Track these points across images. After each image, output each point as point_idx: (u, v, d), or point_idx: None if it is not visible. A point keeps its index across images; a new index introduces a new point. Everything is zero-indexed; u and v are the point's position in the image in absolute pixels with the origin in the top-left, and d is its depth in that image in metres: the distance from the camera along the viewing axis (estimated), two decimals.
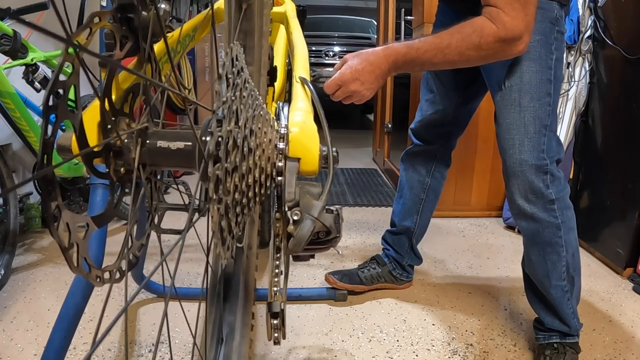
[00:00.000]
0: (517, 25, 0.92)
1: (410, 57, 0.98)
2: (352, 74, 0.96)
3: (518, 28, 0.92)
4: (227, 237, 0.38)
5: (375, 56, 0.98)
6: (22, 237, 1.88)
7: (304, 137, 0.48)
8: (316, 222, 0.46)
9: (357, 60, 0.97)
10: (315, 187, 0.48)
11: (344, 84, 0.97)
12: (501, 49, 0.95)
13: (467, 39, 0.95)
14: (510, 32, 0.93)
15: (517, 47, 0.95)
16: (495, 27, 0.93)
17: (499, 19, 0.92)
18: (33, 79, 1.70)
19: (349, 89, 0.97)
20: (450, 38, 0.96)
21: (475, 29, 0.94)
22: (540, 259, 1.13)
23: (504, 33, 0.93)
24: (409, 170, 1.49)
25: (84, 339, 1.25)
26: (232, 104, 0.37)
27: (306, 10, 1.22)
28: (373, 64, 0.97)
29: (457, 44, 0.96)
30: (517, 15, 0.92)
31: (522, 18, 0.92)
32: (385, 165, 3.39)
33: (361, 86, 0.96)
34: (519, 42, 0.94)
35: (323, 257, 1.83)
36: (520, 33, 0.93)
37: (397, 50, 0.98)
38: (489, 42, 0.93)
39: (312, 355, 1.23)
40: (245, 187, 0.40)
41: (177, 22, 2.76)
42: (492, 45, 0.94)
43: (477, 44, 0.95)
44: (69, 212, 0.34)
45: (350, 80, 0.96)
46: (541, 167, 1.05)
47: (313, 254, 0.51)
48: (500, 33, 0.93)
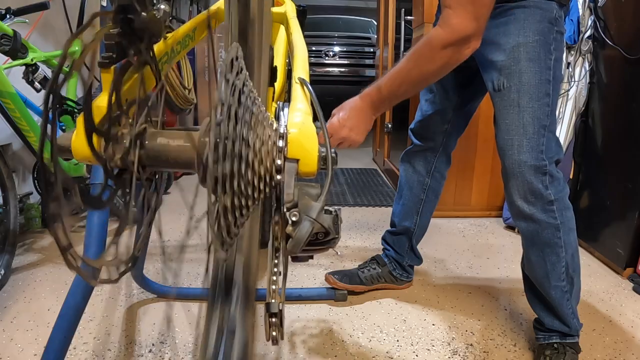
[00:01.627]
0: (466, 26, 0.94)
1: (382, 96, 1.05)
2: (340, 122, 1.05)
3: (466, 29, 0.94)
4: (225, 237, 0.38)
5: (355, 103, 1.07)
6: (22, 237, 1.88)
7: (303, 138, 0.48)
8: (315, 224, 0.46)
9: (342, 111, 1.07)
10: (314, 188, 0.48)
11: (334, 133, 1.05)
12: (452, 54, 0.97)
13: (421, 56, 1.00)
14: (457, 34, 0.94)
15: (466, 50, 0.97)
16: (443, 32, 0.95)
17: (448, 22, 0.94)
18: (33, 79, 1.70)
19: (339, 136, 1.05)
20: (408, 62, 1.02)
21: (426, 42, 0.98)
22: (540, 260, 1.13)
23: (452, 36, 0.94)
24: (408, 171, 1.49)
25: (84, 339, 1.26)
26: (230, 107, 0.37)
27: (306, 11, 1.22)
28: (356, 110, 1.06)
29: (415, 64, 1.01)
30: (466, 16, 0.93)
31: (471, 19, 0.93)
32: (385, 165, 3.39)
33: (350, 131, 1.05)
34: (467, 44, 0.96)
35: (323, 257, 1.83)
36: (468, 34, 0.94)
37: (370, 94, 1.06)
38: (439, 51, 0.96)
39: (312, 355, 1.24)
40: (244, 187, 0.40)
41: (177, 22, 2.76)
42: (442, 53, 0.96)
43: (430, 57, 0.98)
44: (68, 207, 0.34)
45: (339, 128, 1.05)
46: (540, 167, 1.05)
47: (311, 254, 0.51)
48: (448, 37, 0.95)
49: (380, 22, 3.67)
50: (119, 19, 0.42)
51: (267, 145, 0.44)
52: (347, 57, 4.98)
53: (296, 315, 1.42)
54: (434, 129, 1.39)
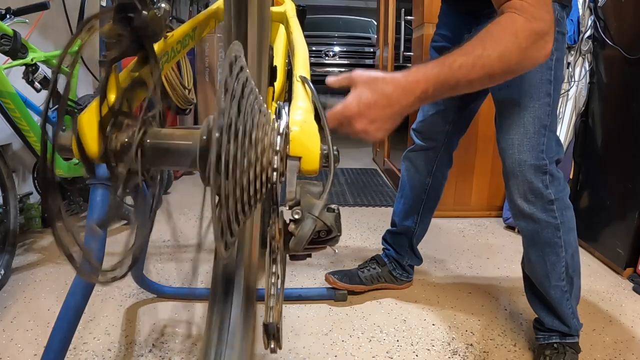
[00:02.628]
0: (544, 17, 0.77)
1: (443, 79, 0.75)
2: (360, 108, 0.71)
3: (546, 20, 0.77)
4: (227, 236, 0.38)
5: (395, 86, 0.72)
6: (22, 237, 1.88)
7: (305, 136, 0.48)
8: (317, 221, 0.46)
9: (368, 90, 0.72)
10: (316, 186, 0.48)
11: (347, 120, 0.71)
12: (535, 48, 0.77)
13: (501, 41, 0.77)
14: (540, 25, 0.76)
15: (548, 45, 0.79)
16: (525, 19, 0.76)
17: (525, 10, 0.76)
18: (33, 79, 1.69)
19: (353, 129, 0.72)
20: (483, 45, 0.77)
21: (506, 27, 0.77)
22: (540, 260, 1.13)
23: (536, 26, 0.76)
24: (410, 170, 1.49)
25: (84, 339, 1.25)
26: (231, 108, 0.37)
27: (306, 10, 1.22)
28: (390, 98, 0.72)
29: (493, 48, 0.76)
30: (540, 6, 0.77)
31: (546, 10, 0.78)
32: (385, 165, 3.39)
33: (370, 125, 0.71)
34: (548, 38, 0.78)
35: (323, 257, 1.83)
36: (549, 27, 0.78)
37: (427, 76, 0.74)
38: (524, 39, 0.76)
39: (312, 355, 1.23)
40: (245, 186, 0.40)
41: (177, 22, 2.76)
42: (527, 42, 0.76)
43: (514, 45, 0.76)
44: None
45: (357, 116, 0.71)
46: (540, 167, 1.05)
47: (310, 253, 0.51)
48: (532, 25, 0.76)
49: (380, 22, 3.67)
50: (120, 17, 0.42)
51: (269, 142, 0.44)
52: (347, 57, 4.98)
53: (296, 315, 1.42)
54: (435, 129, 1.39)
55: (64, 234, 0.38)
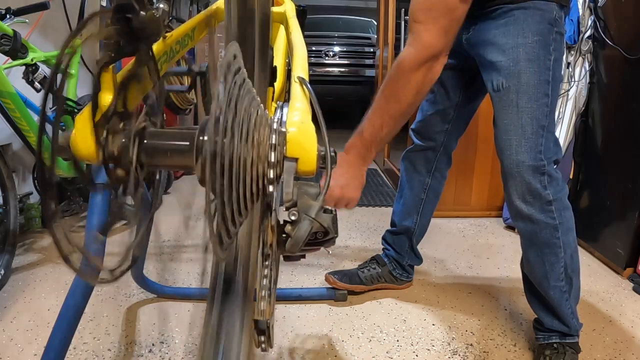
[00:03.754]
0: (436, 41, 0.93)
1: (366, 143, 1.01)
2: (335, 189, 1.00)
3: (437, 45, 0.93)
4: (224, 236, 0.38)
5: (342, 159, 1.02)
6: (22, 237, 1.88)
7: (302, 137, 0.48)
8: (314, 223, 0.46)
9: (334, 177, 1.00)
10: (313, 187, 0.48)
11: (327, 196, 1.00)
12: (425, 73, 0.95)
13: (395, 84, 0.97)
14: (428, 50, 0.93)
15: (437, 66, 0.95)
16: (414, 51, 0.94)
17: (418, 38, 0.93)
18: (33, 79, 1.70)
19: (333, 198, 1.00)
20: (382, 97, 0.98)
21: (396, 68, 0.96)
22: (539, 260, 1.13)
23: (423, 53, 0.93)
24: (409, 170, 1.49)
25: (84, 339, 1.26)
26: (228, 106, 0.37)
27: (306, 11, 1.21)
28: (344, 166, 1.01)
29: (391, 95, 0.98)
30: (437, 31, 0.92)
31: (441, 34, 0.93)
32: (385, 165, 3.39)
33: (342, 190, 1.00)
34: (437, 60, 0.94)
35: (323, 257, 1.83)
36: (439, 50, 0.93)
37: (354, 145, 1.02)
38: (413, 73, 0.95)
39: (312, 355, 1.23)
40: (242, 186, 0.40)
41: (177, 22, 2.76)
42: (416, 75, 0.95)
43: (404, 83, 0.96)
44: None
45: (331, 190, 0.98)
46: (538, 168, 1.05)
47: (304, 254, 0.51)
48: (419, 55, 0.93)
49: (380, 22, 3.67)
50: (118, 18, 0.42)
51: (265, 143, 0.44)
52: (347, 57, 4.97)
53: (296, 315, 1.42)
54: (434, 129, 1.39)
55: (62, 235, 0.38)
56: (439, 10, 0.93)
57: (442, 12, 0.94)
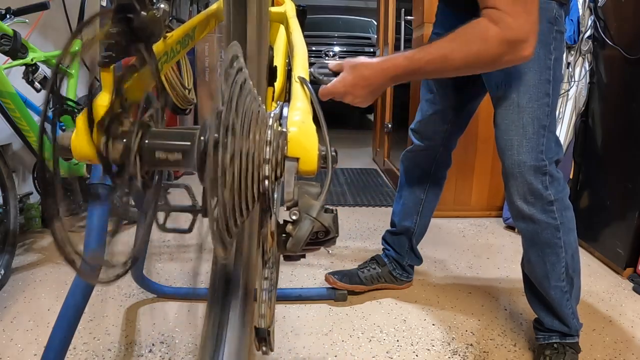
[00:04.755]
0: (522, 26, 0.86)
1: (411, 69, 0.93)
2: (345, 88, 0.92)
3: (523, 29, 0.86)
4: (224, 236, 0.38)
5: (371, 70, 0.92)
6: (22, 237, 1.88)
7: (303, 136, 0.48)
8: (315, 222, 0.46)
9: (351, 73, 0.92)
10: (313, 187, 0.48)
11: (336, 96, 0.93)
12: (508, 53, 0.88)
13: (470, 44, 0.89)
14: (516, 34, 0.86)
15: (524, 51, 0.88)
16: (499, 29, 0.86)
17: (502, 20, 0.85)
18: (33, 79, 1.70)
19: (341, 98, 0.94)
20: (451, 45, 0.90)
21: (478, 33, 0.88)
22: (540, 260, 1.13)
23: (509, 35, 0.86)
24: (409, 171, 1.49)
25: (84, 339, 1.26)
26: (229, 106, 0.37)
27: (306, 11, 1.21)
28: (367, 79, 0.92)
29: (460, 50, 0.90)
30: (520, 15, 0.85)
31: (525, 18, 0.86)
32: (385, 165, 3.39)
33: (354, 99, 0.94)
34: (525, 45, 0.87)
35: (323, 257, 1.83)
36: (526, 35, 0.86)
37: (396, 64, 0.93)
38: (494, 46, 0.87)
39: (312, 355, 1.23)
40: (244, 185, 0.40)
41: (177, 22, 2.76)
42: (497, 50, 0.87)
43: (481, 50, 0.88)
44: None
45: (343, 94, 0.92)
46: (540, 168, 1.05)
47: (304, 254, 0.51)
48: (505, 35, 0.86)
49: (380, 22, 3.67)
50: (118, 18, 0.42)
51: (266, 144, 0.44)
52: (347, 57, 4.97)
53: (296, 315, 1.42)
54: (434, 129, 1.39)
55: (63, 236, 0.38)
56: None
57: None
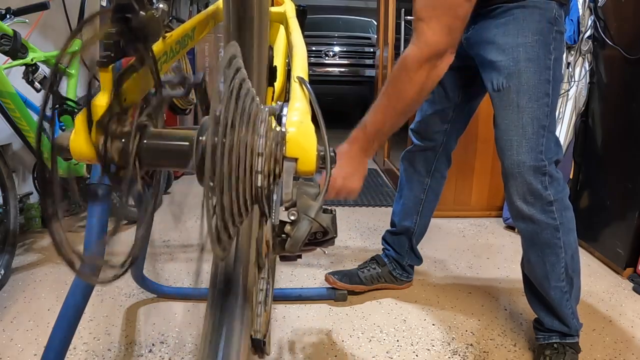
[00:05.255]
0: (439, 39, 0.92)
1: (369, 136, 1.02)
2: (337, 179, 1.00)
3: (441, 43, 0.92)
4: (223, 236, 0.38)
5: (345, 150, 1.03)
6: (22, 237, 1.88)
7: (302, 137, 0.47)
8: (313, 223, 0.46)
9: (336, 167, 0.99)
10: (312, 187, 0.48)
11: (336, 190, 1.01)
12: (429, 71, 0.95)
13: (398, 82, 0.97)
14: (431, 48, 0.92)
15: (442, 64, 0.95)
16: (417, 49, 0.93)
17: (421, 36, 0.93)
18: (33, 79, 1.70)
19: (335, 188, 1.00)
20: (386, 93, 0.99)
21: (400, 66, 0.96)
22: (539, 260, 1.13)
23: (426, 51, 0.93)
24: (408, 171, 1.49)
25: (84, 339, 1.26)
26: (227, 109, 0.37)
27: (306, 11, 1.21)
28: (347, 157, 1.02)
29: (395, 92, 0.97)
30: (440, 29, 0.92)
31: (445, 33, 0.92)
32: (385, 165, 3.39)
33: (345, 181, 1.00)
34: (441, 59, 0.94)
35: (323, 257, 1.83)
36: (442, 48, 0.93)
37: (357, 138, 1.03)
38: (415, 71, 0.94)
39: (312, 355, 1.23)
40: (242, 185, 0.40)
41: (177, 22, 2.75)
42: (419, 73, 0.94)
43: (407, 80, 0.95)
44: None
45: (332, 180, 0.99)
46: (539, 168, 1.05)
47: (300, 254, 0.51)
48: (422, 53, 0.93)
49: (380, 22, 3.67)
50: (117, 18, 0.42)
51: (265, 144, 0.44)
52: (347, 57, 4.97)
53: (296, 315, 1.42)
54: (434, 129, 1.39)
55: (61, 236, 0.38)
56: (443, 8, 0.93)
57: (445, 9, 0.93)
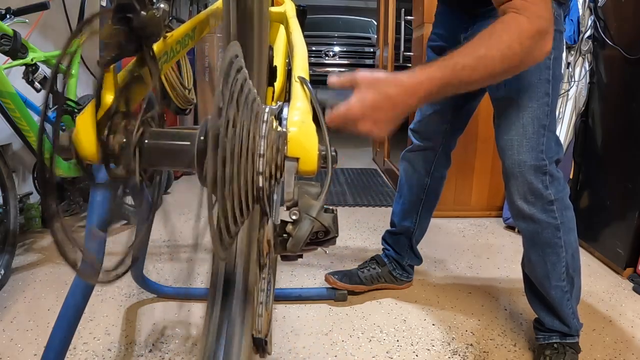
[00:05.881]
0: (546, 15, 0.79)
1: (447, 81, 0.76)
2: (364, 110, 0.69)
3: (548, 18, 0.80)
4: (225, 237, 0.38)
5: (399, 88, 0.72)
6: (22, 237, 1.88)
7: (303, 136, 0.48)
8: (315, 222, 0.46)
9: (371, 92, 0.70)
10: (313, 187, 0.48)
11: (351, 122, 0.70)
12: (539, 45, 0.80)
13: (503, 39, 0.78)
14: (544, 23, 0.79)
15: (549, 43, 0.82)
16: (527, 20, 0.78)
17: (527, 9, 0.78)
18: (33, 79, 1.70)
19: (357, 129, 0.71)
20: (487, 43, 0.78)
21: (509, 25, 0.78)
22: (540, 260, 1.13)
23: (539, 24, 0.78)
24: (408, 171, 1.49)
25: (84, 339, 1.25)
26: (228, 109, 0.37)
27: (306, 11, 1.21)
28: (394, 100, 0.71)
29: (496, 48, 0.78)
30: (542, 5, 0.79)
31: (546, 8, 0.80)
32: (385, 165, 3.39)
33: (374, 126, 0.71)
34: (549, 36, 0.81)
35: (323, 257, 1.83)
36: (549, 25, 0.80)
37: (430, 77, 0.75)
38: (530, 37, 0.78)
39: (312, 355, 1.23)
40: (243, 185, 0.40)
41: (177, 22, 2.75)
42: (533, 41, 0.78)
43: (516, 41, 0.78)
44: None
45: (360, 118, 0.69)
46: (540, 167, 1.05)
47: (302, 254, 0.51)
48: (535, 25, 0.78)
49: (380, 22, 3.67)
50: (118, 18, 0.42)
51: (266, 144, 0.44)
52: (347, 57, 4.98)
53: (296, 315, 1.42)
54: (433, 129, 1.39)
55: (62, 235, 0.38)
56: None
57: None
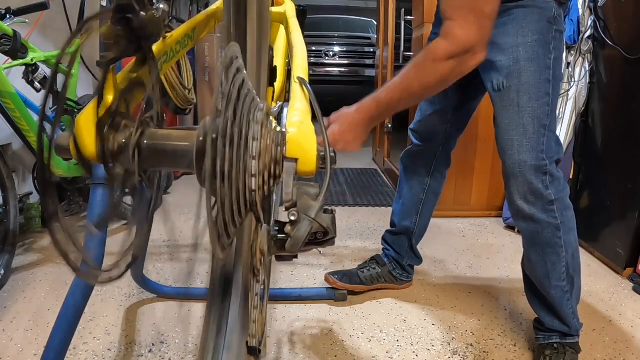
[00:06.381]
0: (469, 37, 0.93)
1: (380, 109, 1.04)
2: (335, 137, 1.02)
3: (470, 40, 0.93)
4: (224, 238, 0.38)
5: (352, 117, 1.04)
6: (22, 237, 1.88)
7: (302, 137, 0.48)
8: (313, 223, 0.46)
9: (337, 125, 1.03)
10: (312, 187, 0.48)
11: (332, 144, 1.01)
12: (455, 66, 0.96)
13: (422, 67, 0.99)
14: (462, 45, 0.93)
15: (471, 61, 0.96)
16: (447, 44, 0.94)
17: (450, 33, 0.94)
18: (33, 79, 1.70)
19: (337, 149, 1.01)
20: (408, 74, 1.01)
21: (427, 54, 0.98)
22: (540, 260, 1.13)
23: (455, 47, 0.94)
24: (408, 171, 1.49)
25: (84, 339, 1.26)
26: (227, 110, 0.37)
27: (306, 11, 1.21)
28: (350, 125, 1.03)
29: (416, 76, 1.00)
30: (469, 27, 0.93)
31: (475, 30, 0.93)
32: (385, 165, 3.39)
33: (346, 145, 1.03)
34: (471, 55, 0.95)
35: (323, 257, 1.83)
36: (471, 45, 0.94)
37: (368, 107, 1.04)
38: (442, 62, 0.95)
39: (312, 355, 1.23)
40: (242, 188, 0.40)
41: (177, 22, 2.75)
42: (445, 65, 0.96)
43: (432, 69, 0.97)
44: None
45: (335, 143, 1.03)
46: (540, 167, 1.05)
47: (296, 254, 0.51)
48: (451, 48, 0.94)
49: (380, 22, 3.67)
50: (118, 18, 0.42)
51: (266, 145, 0.44)
52: (347, 57, 4.98)
53: (296, 315, 1.42)
54: (433, 129, 1.39)
55: (62, 235, 0.38)
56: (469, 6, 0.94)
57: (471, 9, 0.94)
